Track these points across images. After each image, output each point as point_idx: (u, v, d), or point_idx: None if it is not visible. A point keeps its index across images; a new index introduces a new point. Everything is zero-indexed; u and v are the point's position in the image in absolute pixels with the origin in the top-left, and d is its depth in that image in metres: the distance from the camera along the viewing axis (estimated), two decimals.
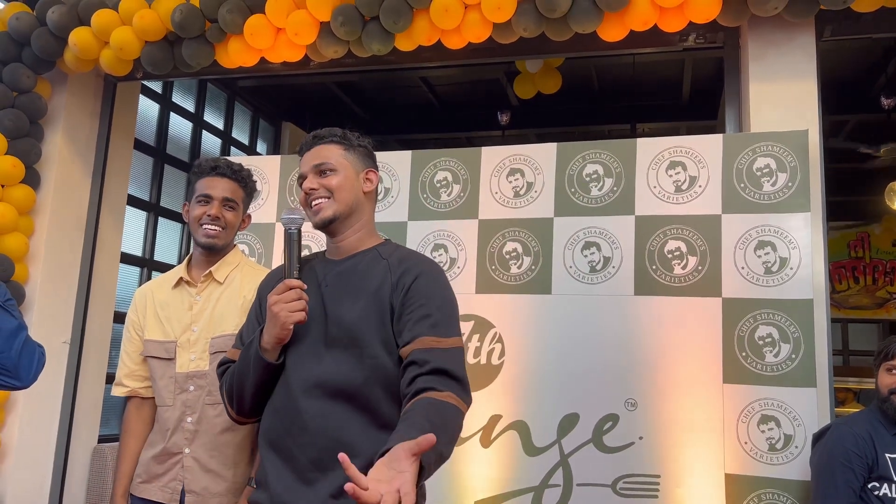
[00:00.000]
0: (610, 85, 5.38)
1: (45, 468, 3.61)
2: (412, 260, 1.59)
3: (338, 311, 1.53)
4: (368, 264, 1.59)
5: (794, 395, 2.42)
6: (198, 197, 2.06)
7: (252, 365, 1.54)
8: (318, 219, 1.60)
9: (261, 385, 1.56)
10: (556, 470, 2.57)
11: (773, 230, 2.52)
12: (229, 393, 1.62)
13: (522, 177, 2.83)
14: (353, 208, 1.62)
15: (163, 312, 2.09)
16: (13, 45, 3.52)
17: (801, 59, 2.80)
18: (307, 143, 1.68)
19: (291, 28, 3.10)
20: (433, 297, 1.52)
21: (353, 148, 1.67)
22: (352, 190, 1.62)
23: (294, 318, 1.50)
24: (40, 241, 3.61)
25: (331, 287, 1.58)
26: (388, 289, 1.53)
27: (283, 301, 1.50)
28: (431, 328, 1.46)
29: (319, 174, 1.62)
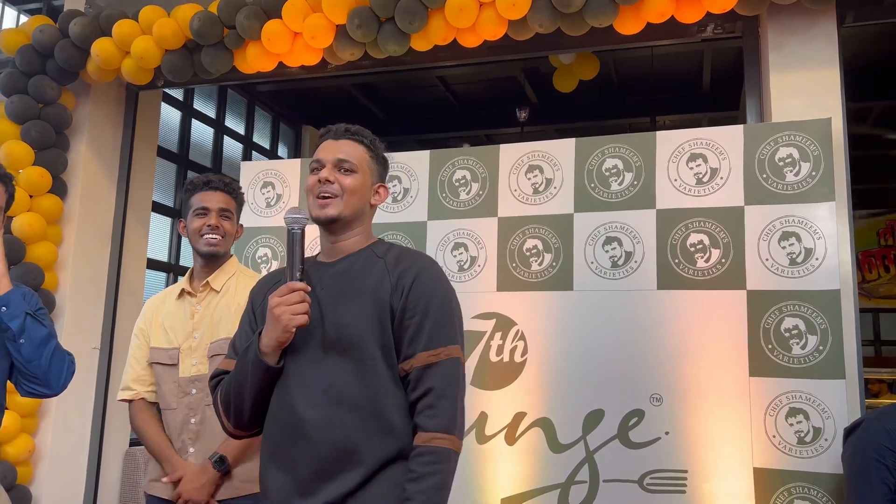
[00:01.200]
0: (628, 78, 5.34)
1: (79, 472, 3.68)
2: (409, 258, 1.56)
3: (335, 314, 1.50)
4: (364, 264, 1.56)
5: (823, 387, 2.39)
6: (195, 210, 2.20)
7: (251, 370, 1.48)
8: (322, 214, 1.55)
9: (260, 392, 1.50)
10: (581, 466, 2.56)
11: (797, 221, 2.49)
12: (226, 404, 1.55)
13: (541, 173, 2.82)
14: (357, 214, 1.59)
15: (167, 322, 2.22)
16: (37, 57, 3.59)
17: (822, 47, 2.76)
18: (336, 132, 1.63)
19: (308, 32, 3.12)
20: (431, 303, 1.49)
21: (377, 157, 1.65)
22: (363, 197, 1.60)
23: (297, 321, 1.45)
24: (68, 250, 3.68)
25: (327, 290, 1.54)
26: (387, 289, 1.50)
27: (286, 303, 1.45)
28: (428, 341, 1.46)
29: (339, 168, 1.57)
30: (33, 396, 1.99)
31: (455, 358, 1.48)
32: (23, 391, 1.97)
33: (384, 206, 2.98)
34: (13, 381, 1.99)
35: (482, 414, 2.69)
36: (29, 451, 3.40)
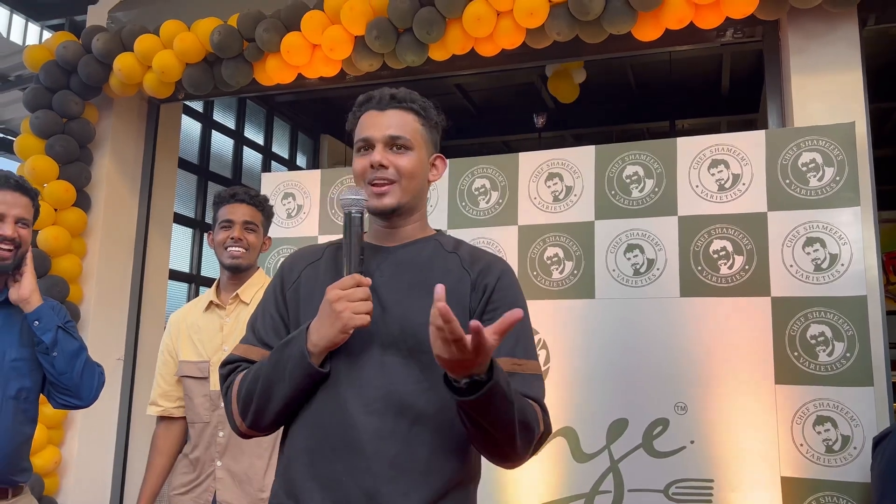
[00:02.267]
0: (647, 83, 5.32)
1: (105, 482, 3.71)
2: (486, 256, 1.37)
3: (400, 310, 1.28)
4: (431, 255, 1.35)
5: (851, 394, 2.35)
6: (221, 223, 2.21)
7: (290, 370, 1.24)
8: (380, 205, 1.33)
9: (296, 396, 1.27)
10: (606, 476, 2.54)
11: (821, 226, 2.46)
12: (245, 401, 1.29)
13: (561, 181, 2.81)
14: (417, 198, 1.37)
15: (196, 335, 2.23)
16: (61, 73, 3.65)
17: (844, 50, 2.73)
18: (381, 101, 1.37)
19: (327, 44, 3.14)
20: (517, 303, 1.31)
21: (430, 124, 1.40)
22: (421, 176, 1.36)
23: (358, 320, 1.22)
24: (93, 262, 3.72)
25: (387, 279, 1.31)
26: (466, 289, 1.30)
27: (349, 299, 1.22)
28: (512, 347, 1.27)
29: (392, 147, 1.33)
30: (65, 408, 2.03)
31: (540, 375, 1.31)
32: (55, 403, 2.01)
33: None
34: (45, 394, 2.02)
35: None
36: (56, 462, 3.44)
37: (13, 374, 1.92)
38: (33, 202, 2.01)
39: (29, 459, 2.00)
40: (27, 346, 1.95)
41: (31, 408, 1.98)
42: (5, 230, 1.90)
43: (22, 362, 1.94)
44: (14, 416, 1.91)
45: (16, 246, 1.93)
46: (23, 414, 1.94)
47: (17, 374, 1.93)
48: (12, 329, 1.94)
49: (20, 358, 1.94)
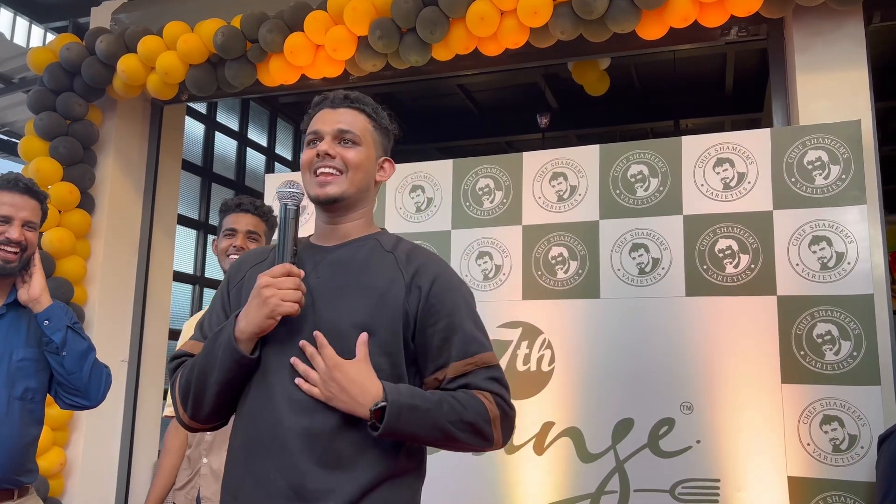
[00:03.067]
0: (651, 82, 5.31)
1: (109, 483, 3.72)
2: (422, 256, 1.38)
3: (331, 309, 1.30)
4: (368, 255, 1.36)
5: (858, 393, 2.34)
6: (225, 231, 2.24)
7: (220, 357, 1.26)
8: (322, 193, 1.34)
9: (228, 383, 1.29)
10: (612, 476, 2.53)
11: (827, 224, 2.45)
12: (184, 391, 1.32)
13: (566, 180, 2.80)
14: (361, 194, 1.39)
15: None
16: (65, 74, 3.65)
17: (849, 48, 2.72)
18: (334, 101, 1.42)
19: (330, 44, 3.14)
20: (457, 307, 1.33)
21: (381, 128, 1.44)
22: (367, 173, 1.39)
23: (285, 308, 1.24)
24: (97, 264, 3.73)
25: (323, 280, 1.33)
26: (400, 290, 1.31)
27: (278, 286, 1.25)
28: (462, 349, 1.31)
29: (340, 141, 1.37)
30: (73, 408, 2.03)
31: (495, 365, 1.33)
32: (63, 404, 2.01)
33: (407, 216, 2.99)
34: (53, 395, 2.03)
35: None
36: (61, 463, 3.44)
37: (19, 375, 1.93)
38: (42, 205, 2.02)
39: (35, 461, 2.00)
40: (33, 347, 1.95)
41: (38, 408, 1.98)
42: (12, 233, 1.91)
43: (28, 362, 1.95)
44: (20, 417, 1.91)
45: (21, 249, 1.94)
46: (29, 414, 1.94)
47: (24, 375, 1.93)
48: (19, 330, 1.95)
49: (27, 358, 1.95)
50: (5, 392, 1.89)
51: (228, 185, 5.24)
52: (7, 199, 1.93)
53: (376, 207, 3.04)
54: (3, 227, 1.91)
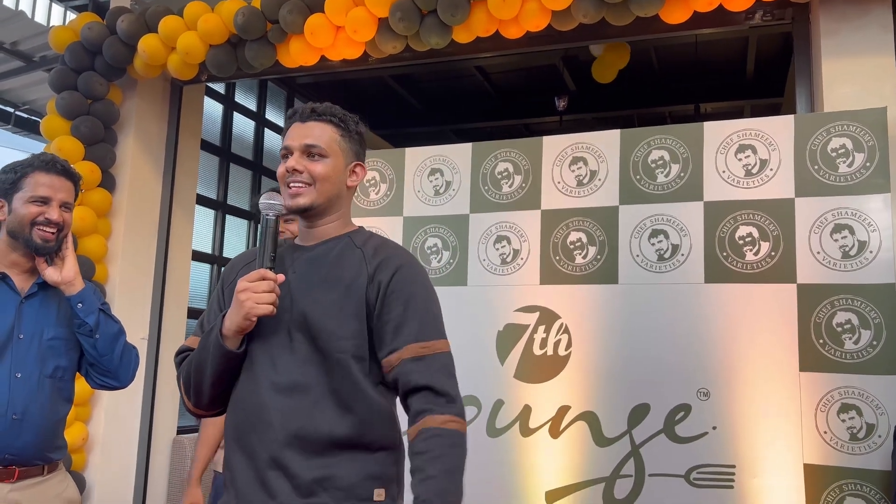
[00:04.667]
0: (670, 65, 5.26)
1: (130, 459, 3.78)
2: (388, 251, 1.51)
3: (306, 301, 1.45)
4: (341, 252, 1.50)
5: (877, 382, 2.34)
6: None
7: (211, 353, 1.43)
8: (293, 204, 1.49)
9: (220, 375, 1.46)
10: (627, 460, 2.55)
11: (850, 213, 2.43)
12: (186, 382, 1.50)
13: (585, 165, 2.80)
14: (332, 201, 1.52)
15: None
16: (86, 54, 3.66)
17: (876, 33, 2.68)
18: (303, 114, 1.53)
19: (350, 26, 3.13)
20: (414, 295, 1.46)
21: (350, 135, 1.55)
22: (336, 182, 1.51)
23: (260, 310, 1.40)
24: (118, 242, 3.76)
25: (299, 275, 1.49)
26: (363, 281, 1.45)
27: (253, 290, 1.40)
28: (416, 334, 1.42)
29: (307, 155, 1.49)
30: (103, 388, 2.08)
31: (447, 352, 1.46)
32: (93, 383, 2.06)
33: (426, 199, 2.99)
34: (83, 374, 2.07)
35: (526, 407, 2.70)
36: (83, 438, 3.50)
37: (50, 353, 1.96)
38: (76, 187, 2.06)
39: (64, 437, 2.04)
40: (64, 326, 1.98)
41: (67, 387, 2.02)
42: (51, 214, 1.94)
43: (59, 341, 1.98)
44: (51, 395, 1.95)
45: (59, 229, 1.97)
46: (59, 393, 1.98)
47: (54, 353, 1.96)
48: (49, 309, 1.97)
49: (57, 337, 1.98)
50: (37, 370, 1.93)
51: (246, 166, 5.25)
52: (45, 181, 1.96)
53: (394, 192, 3.06)
54: (42, 208, 1.94)
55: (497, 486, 2.68)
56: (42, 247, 1.95)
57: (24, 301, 1.96)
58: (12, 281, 1.96)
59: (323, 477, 1.37)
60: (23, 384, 1.90)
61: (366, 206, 3.09)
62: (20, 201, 1.94)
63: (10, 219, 1.95)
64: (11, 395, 1.88)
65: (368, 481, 1.40)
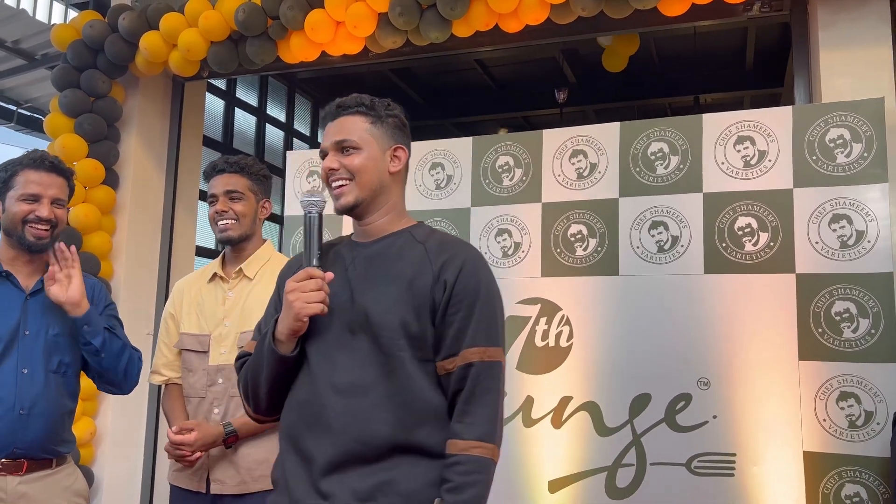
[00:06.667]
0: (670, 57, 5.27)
1: (137, 452, 3.82)
2: (452, 248, 1.45)
3: (365, 299, 1.40)
4: (401, 248, 1.45)
5: (875, 370, 2.36)
6: (209, 199, 2.17)
7: (266, 358, 1.41)
8: (339, 205, 1.46)
9: (275, 379, 1.43)
10: (629, 450, 2.58)
11: (848, 203, 2.45)
12: (245, 389, 1.49)
13: (585, 158, 2.82)
14: (377, 192, 1.47)
15: (199, 307, 2.18)
16: (88, 52, 3.69)
17: (874, 24, 2.69)
18: (331, 113, 1.51)
19: (351, 21, 3.15)
20: (478, 297, 1.40)
21: (382, 121, 1.50)
22: (376, 171, 1.47)
23: (310, 309, 1.36)
24: (122, 239, 3.79)
25: (359, 272, 1.44)
26: (428, 280, 1.40)
27: (301, 290, 1.36)
28: (473, 339, 1.38)
29: (341, 151, 1.46)
30: (107, 392, 2.12)
31: (498, 362, 1.41)
32: (98, 386, 2.12)
33: (427, 193, 3.01)
34: (89, 375, 2.09)
35: (528, 398, 2.73)
36: (90, 433, 3.54)
37: (54, 349, 1.98)
38: (68, 182, 2.05)
39: (71, 431, 2.06)
40: (68, 323, 2.00)
41: (72, 382, 2.05)
42: (42, 211, 1.95)
43: (63, 338, 2.00)
44: (56, 390, 1.97)
45: (52, 226, 1.98)
46: (64, 387, 2.00)
47: (58, 349, 1.99)
48: (55, 305, 1.98)
49: (61, 334, 2.00)
50: (42, 365, 1.95)
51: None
52: (35, 178, 1.96)
53: None
54: (32, 206, 1.94)
55: (500, 476, 2.66)
56: (35, 244, 1.96)
57: (28, 298, 1.99)
58: (16, 279, 1.99)
59: (383, 482, 1.33)
60: (29, 379, 1.92)
61: None
62: (12, 200, 1.95)
63: (4, 218, 1.97)
64: (19, 390, 1.90)
65: (430, 488, 1.34)
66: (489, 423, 1.36)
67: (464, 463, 1.32)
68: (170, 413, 2.21)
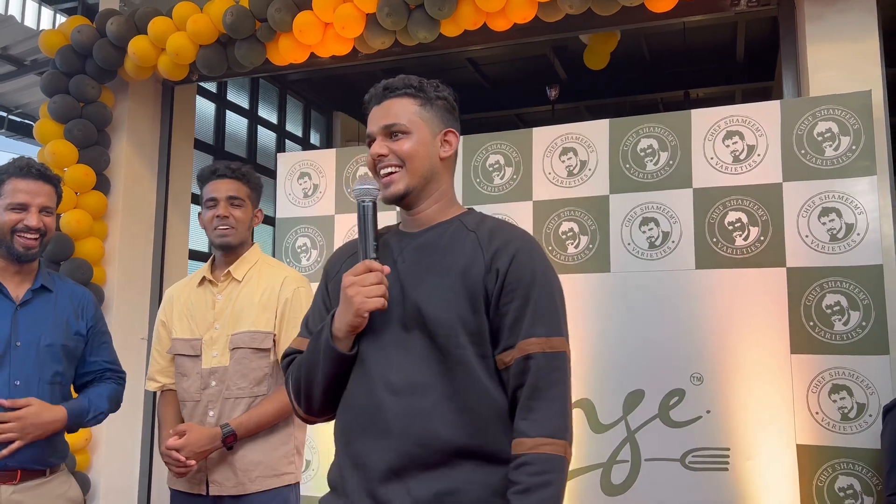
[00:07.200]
0: (661, 52, 5.26)
1: (133, 457, 3.82)
2: (505, 234, 1.36)
3: (418, 293, 1.32)
4: (452, 237, 1.37)
5: (866, 363, 2.37)
6: (206, 202, 2.18)
7: (322, 356, 1.33)
8: (389, 193, 1.37)
9: (332, 379, 1.35)
10: (623, 446, 2.59)
11: (837, 196, 2.46)
12: (296, 389, 1.40)
13: (575, 155, 2.82)
14: (428, 178, 1.39)
15: (189, 311, 2.20)
16: (77, 57, 3.68)
17: (860, 17, 2.70)
18: (377, 96, 1.42)
19: (339, 22, 3.15)
20: (534, 285, 1.31)
21: (432, 103, 1.41)
22: (427, 157, 1.38)
23: (371, 304, 1.28)
24: (114, 244, 3.79)
25: (409, 264, 1.36)
26: (480, 269, 1.31)
27: (361, 284, 1.29)
28: (530, 329, 1.28)
29: (389, 136, 1.38)
30: None
31: (561, 352, 1.31)
32: None
33: None
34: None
35: None
36: (86, 439, 3.53)
37: (48, 360, 1.96)
38: (56, 189, 2.02)
39: (65, 440, 2.06)
40: (60, 333, 1.99)
41: (67, 392, 2.04)
42: (30, 220, 1.92)
43: (56, 348, 1.99)
44: (51, 401, 1.95)
45: (41, 234, 1.95)
46: (59, 398, 1.99)
47: (53, 360, 1.97)
48: (45, 316, 1.98)
49: (53, 344, 1.98)
50: (36, 377, 1.93)
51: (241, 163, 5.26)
52: (22, 186, 1.93)
53: None
54: (21, 215, 1.92)
55: None
56: (24, 254, 1.93)
57: (19, 308, 1.96)
58: (5, 289, 1.96)
59: (446, 491, 1.24)
60: (22, 392, 1.90)
61: None
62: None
63: None
64: None
65: (494, 498, 1.25)
66: (557, 417, 1.26)
67: (533, 463, 1.22)
68: (163, 418, 2.23)
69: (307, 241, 3.18)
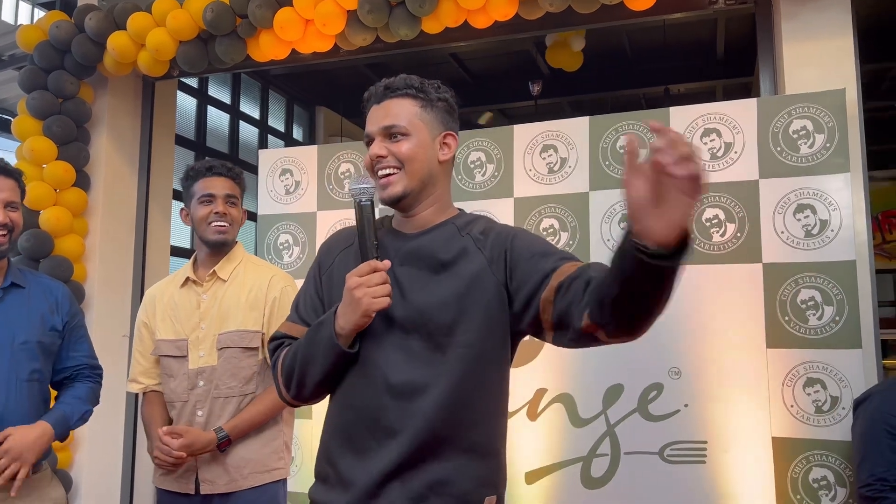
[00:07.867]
0: (641, 49, 5.30)
1: (116, 455, 3.81)
2: (494, 228, 1.41)
3: (420, 297, 1.35)
4: (448, 242, 1.39)
5: (840, 356, 2.42)
6: (200, 198, 2.16)
7: (322, 350, 1.35)
8: (387, 195, 1.38)
9: (329, 374, 1.37)
10: (603, 440, 2.62)
11: (812, 193, 2.50)
12: (288, 375, 1.40)
13: (556, 152, 2.84)
14: (426, 181, 1.40)
15: (173, 312, 2.19)
16: (55, 52, 3.64)
17: (836, 15, 2.74)
18: (377, 95, 1.42)
19: (320, 19, 3.14)
20: (517, 235, 1.37)
21: (432, 104, 1.42)
22: (426, 160, 1.39)
23: (378, 304, 1.30)
24: (95, 241, 3.76)
25: (407, 267, 1.38)
26: (487, 270, 1.35)
27: (367, 285, 1.30)
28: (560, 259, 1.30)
29: (388, 137, 1.38)
30: None
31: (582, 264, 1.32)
32: None
33: None
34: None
35: None
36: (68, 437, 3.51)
37: (24, 357, 1.95)
38: (18, 183, 1.99)
39: None
40: (36, 330, 1.98)
41: (45, 389, 2.03)
42: None
43: (32, 345, 1.97)
44: (29, 399, 1.95)
45: (8, 230, 1.93)
46: (38, 396, 1.99)
47: (28, 357, 1.96)
48: (19, 313, 1.96)
49: (29, 341, 1.97)
50: (13, 375, 1.92)
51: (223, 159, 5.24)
52: None
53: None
54: None
55: None
56: None
57: None
58: None
59: (438, 482, 1.30)
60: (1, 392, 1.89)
61: (341, 199, 3.11)
62: None
63: None
64: None
65: (482, 488, 1.33)
66: None
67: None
68: (149, 420, 2.22)
69: (289, 238, 3.18)
